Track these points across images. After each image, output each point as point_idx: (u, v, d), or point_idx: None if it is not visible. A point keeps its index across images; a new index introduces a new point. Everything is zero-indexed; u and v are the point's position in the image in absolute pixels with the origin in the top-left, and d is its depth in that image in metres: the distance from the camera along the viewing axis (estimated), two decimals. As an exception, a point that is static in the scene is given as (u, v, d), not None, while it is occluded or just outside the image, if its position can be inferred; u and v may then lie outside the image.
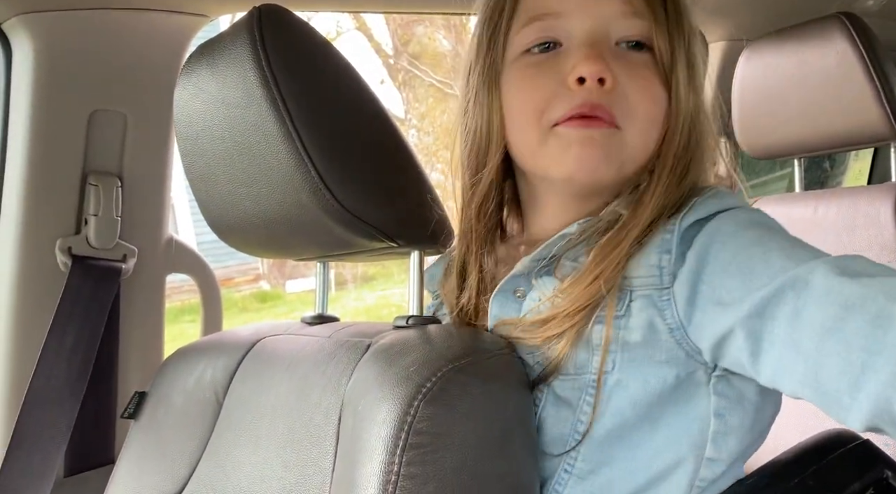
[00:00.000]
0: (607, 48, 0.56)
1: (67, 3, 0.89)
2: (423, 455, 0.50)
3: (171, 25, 0.97)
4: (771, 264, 0.49)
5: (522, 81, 0.58)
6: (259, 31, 0.57)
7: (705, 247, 0.53)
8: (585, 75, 0.54)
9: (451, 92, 4.23)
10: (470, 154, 0.63)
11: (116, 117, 0.96)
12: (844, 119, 1.10)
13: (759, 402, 0.56)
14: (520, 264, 0.61)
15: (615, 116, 0.56)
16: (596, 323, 0.56)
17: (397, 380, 0.52)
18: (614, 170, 0.57)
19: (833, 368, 0.44)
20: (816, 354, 0.45)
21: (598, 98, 0.55)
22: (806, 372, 0.46)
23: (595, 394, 0.55)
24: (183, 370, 0.78)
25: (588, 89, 0.55)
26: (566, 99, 0.56)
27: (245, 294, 5.60)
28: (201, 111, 0.64)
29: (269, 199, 0.61)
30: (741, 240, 0.52)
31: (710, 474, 0.56)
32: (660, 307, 0.54)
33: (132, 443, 0.79)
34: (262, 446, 0.64)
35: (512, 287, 0.62)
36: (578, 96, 0.55)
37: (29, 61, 0.90)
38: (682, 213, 0.55)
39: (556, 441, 0.57)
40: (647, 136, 0.57)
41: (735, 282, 0.50)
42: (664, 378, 0.54)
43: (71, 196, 0.95)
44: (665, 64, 0.57)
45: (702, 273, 0.52)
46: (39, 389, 0.90)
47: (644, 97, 0.56)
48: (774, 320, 0.47)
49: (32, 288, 0.93)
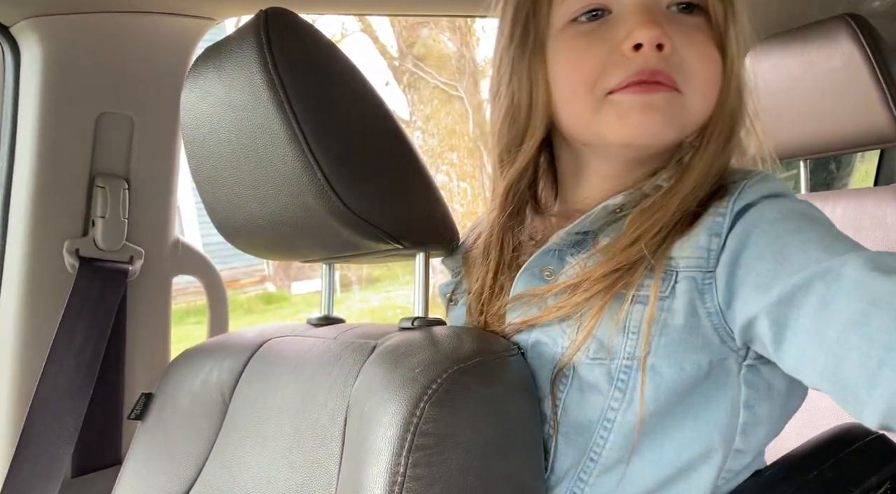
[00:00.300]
0: (661, 12, 0.55)
1: (75, 6, 0.90)
2: (428, 457, 0.50)
3: (177, 29, 0.97)
4: (807, 254, 0.48)
5: (571, 51, 0.56)
6: (265, 34, 0.57)
7: (746, 232, 0.52)
8: (644, 41, 0.53)
9: (455, 94, 4.23)
10: (509, 127, 0.61)
11: (123, 120, 0.97)
12: (850, 120, 1.10)
13: (787, 393, 0.56)
14: (555, 236, 0.59)
15: (675, 81, 0.54)
16: (635, 302, 0.54)
17: (403, 382, 0.52)
18: (676, 132, 0.56)
19: (853, 362, 0.44)
20: (838, 347, 0.45)
21: (657, 64, 0.53)
22: (826, 364, 0.46)
23: (628, 380, 0.54)
24: (189, 371, 0.78)
25: (645, 55, 0.53)
26: (621, 66, 0.54)
27: (250, 295, 5.61)
28: (208, 114, 0.65)
29: (275, 201, 0.62)
30: (781, 228, 0.51)
31: (736, 465, 0.56)
32: (701, 290, 0.53)
33: (139, 444, 0.79)
34: (268, 447, 0.65)
35: (540, 264, 0.60)
36: (634, 63, 0.54)
37: (37, 64, 0.91)
38: (733, 197, 0.54)
39: (581, 428, 0.56)
40: (706, 100, 0.56)
41: (768, 268, 0.49)
42: (699, 364, 0.53)
43: (78, 198, 0.95)
44: (720, 25, 0.56)
45: (740, 257, 0.52)
46: (47, 390, 0.91)
47: (702, 61, 0.55)
48: (800, 309, 0.47)
49: (40, 290, 0.94)
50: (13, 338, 0.94)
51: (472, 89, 5.01)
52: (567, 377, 0.57)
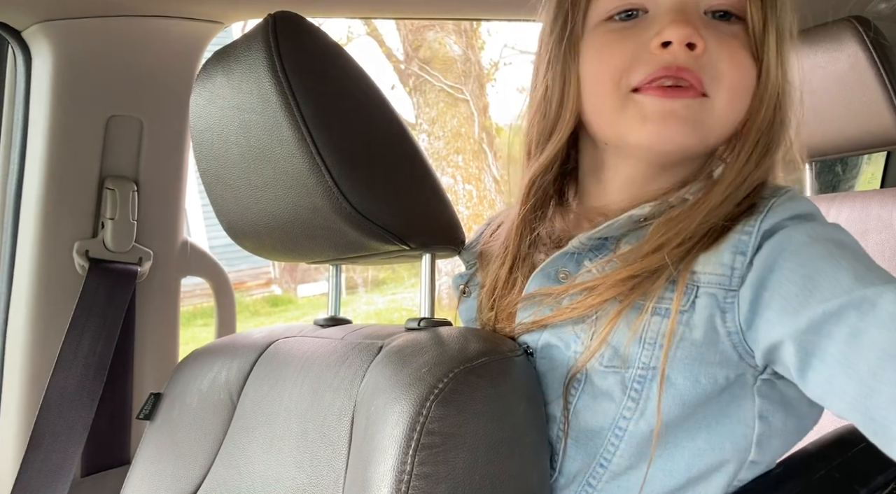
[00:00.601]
0: (697, 15, 0.54)
1: (86, 10, 0.91)
2: (435, 455, 0.51)
3: (186, 32, 0.98)
4: (838, 281, 0.47)
5: (602, 46, 0.56)
6: (274, 37, 0.58)
7: (774, 254, 0.51)
8: (672, 38, 0.52)
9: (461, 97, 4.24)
10: (540, 119, 0.61)
11: (133, 122, 0.98)
12: (856, 122, 1.10)
13: (802, 406, 0.55)
14: (575, 240, 0.59)
15: (703, 82, 0.54)
16: (654, 314, 0.53)
17: (410, 381, 0.53)
18: (697, 140, 0.55)
19: (886, 396, 0.43)
20: (871, 379, 0.44)
21: (686, 61, 0.53)
22: (857, 396, 0.45)
23: (642, 390, 0.53)
24: (198, 371, 0.79)
25: (673, 53, 0.53)
26: (648, 62, 0.54)
27: (257, 298, 5.62)
28: (216, 116, 0.65)
29: (283, 203, 0.62)
30: (812, 252, 0.50)
31: (749, 475, 0.56)
32: (722, 308, 0.52)
33: (147, 444, 0.80)
34: (275, 446, 0.65)
35: (557, 266, 0.60)
36: (661, 59, 0.53)
37: (48, 68, 0.92)
38: (761, 215, 0.53)
39: (592, 433, 0.56)
40: (734, 106, 0.55)
41: (796, 292, 0.49)
42: (715, 378, 0.53)
43: (88, 200, 0.96)
44: (757, 35, 0.55)
45: (767, 279, 0.51)
46: (57, 390, 0.92)
47: (733, 65, 0.54)
48: (830, 338, 0.46)
49: (50, 291, 0.95)
50: (24, 338, 0.95)
51: (478, 92, 5.01)
52: (579, 382, 0.57)
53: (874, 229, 1.09)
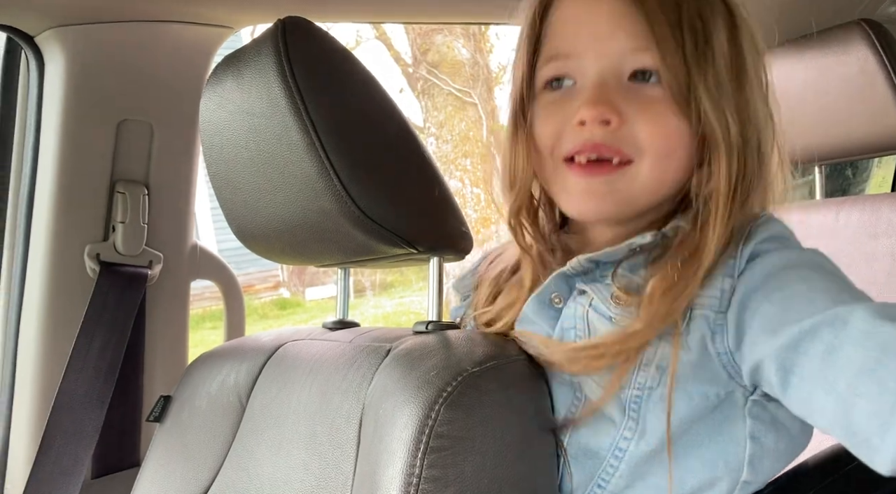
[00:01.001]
0: (617, 86, 0.56)
1: (98, 16, 0.92)
2: (443, 459, 0.51)
3: (196, 37, 0.99)
4: (813, 302, 0.49)
5: (539, 115, 0.60)
6: (283, 42, 0.59)
7: (755, 277, 0.53)
8: (586, 118, 0.56)
9: (469, 100, 4.24)
10: (508, 162, 0.64)
11: (143, 127, 0.99)
12: (866, 126, 1.09)
13: (792, 427, 0.56)
14: (574, 261, 0.60)
15: (623, 152, 0.56)
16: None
17: (418, 385, 0.53)
18: (622, 207, 0.58)
19: (864, 409, 0.44)
20: (848, 394, 0.45)
21: (602, 137, 0.56)
22: (836, 411, 0.46)
23: (639, 410, 0.55)
24: (207, 374, 0.79)
25: (590, 130, 0.56)
26: (571, 136, 0.57)
27: (265, 301, 5.64)
28: (226, 121, 0.66)
29: (292, 206, 0.63)
30: (790, 275, 0.52)
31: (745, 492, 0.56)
32: (713, 329, 0.54)
33: (157, 446, 0.80)
34: (284, 449, 0.65)
35: (550, 293, 0.61)
36: (581, 136, 0.57)
37: (60, 73, 0.93)
38: (742, 239, 0.56)
39: (591, 453, 0.57)
40: (661, 168, 0.57)
41: (775, 312, 0.50)
42: (707, 395, 0.54)
43: (99, 203, 0.97)
44: (678, 95, 0.55)
45: (749, 300, 0.53)
46: (68, 392, 0.92)
47: (654, 132, 0.56)
48: (806, 355, 0.48)
49: (62, 294, 0.96)
50: (36, 341, 0.96)
51: (486, 95, 5.02)
52: (579, 401, 0.58)
53: (885, 233, 1.08)
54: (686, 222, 0.57)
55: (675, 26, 0.55)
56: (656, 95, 0.56)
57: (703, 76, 0.55)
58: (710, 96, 0.55)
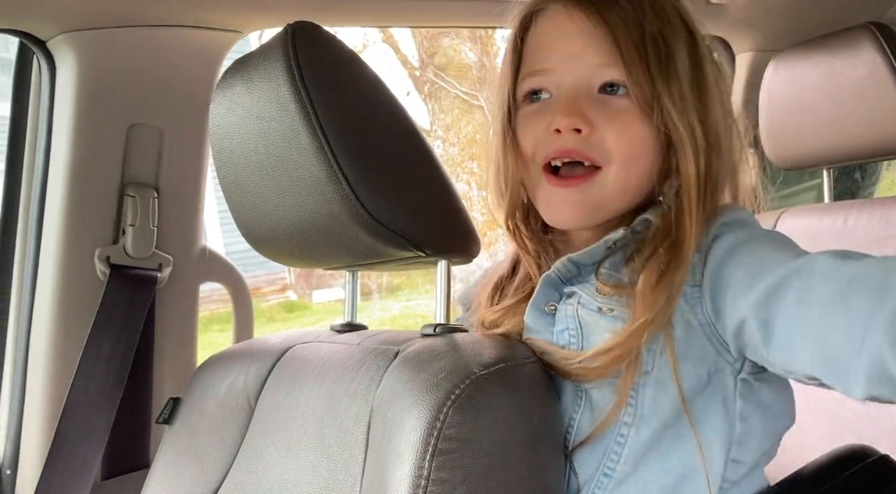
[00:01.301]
0: (588, 98, 0.62)
1: (109, 21, 0.92)
2: (452, 461, 0.51)
3: (205, 42, 0.99)
4: (778, 259, 0.54)
5: (522, 126, 0.66)
6: (293, 47, 0.59)
7: (724, 249, 0.58)
8: (560, 127, 0.62)
9: (476, 103, 4.24)
10: (496, 172, 0.69)
11: (153, 131, 0.99)
12: (874, 129, 1.09)
13: (776, 409, 0.60)
14: (558, 263, 0.65)
15: (593, 157, 0.62)
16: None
17: (426, 387, 0.53)
18: (591, 211, 0.64)
19: (838, 336, 0.47)
20: (822, 325, 0.48)
21: (573, 143, 0.62)
22: (814, 346, 0.49)
23: (637, 396, 0.57)
24: (216, 376, 0.80)
25: (563, 138, 0.62)
26: (548, 143, 0.63)
27: (272, 304, 5.65)
28: (236, 125, 0.66)
29: (301, 210, 0.63)
30: (754, 245, 0.58)
31: (733, 475, 0.59)
32: (691, 303, 0.58)
33: (166, 448, 0.81)
34: (292, 451, 0.66)
35: (543, 301, 0.65)
36: (556, 144, 0.63)
37: (72, 77, 0.94)
38: (712, 222, 0.61)
39: (595, 444, 0.59)
40: (629, 172, 0.62)
41: (748, 274, 0.55)
42: (698, 375, 0.58)
43: (110, 207, 0.98)
44: (644, 105, 0.61)
45: (720, 270, 0.57)
46: (79, 394, 0.93)
47: (620, 139, 0.62)
48: (782, 303, 0.51)
49: (72, 296, 0.96)
50: (46, 343, 0.96)
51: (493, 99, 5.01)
52: (581, 399, 0.60)
53: (894, 236, 1.08)
54: (655, 217, 0.62)
55: (640, 44, 0.61)
56: (623, 106, 0.62)
57: (667, 88, 0.61)
58: (674, 105, 0.61)
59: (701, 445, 0.58)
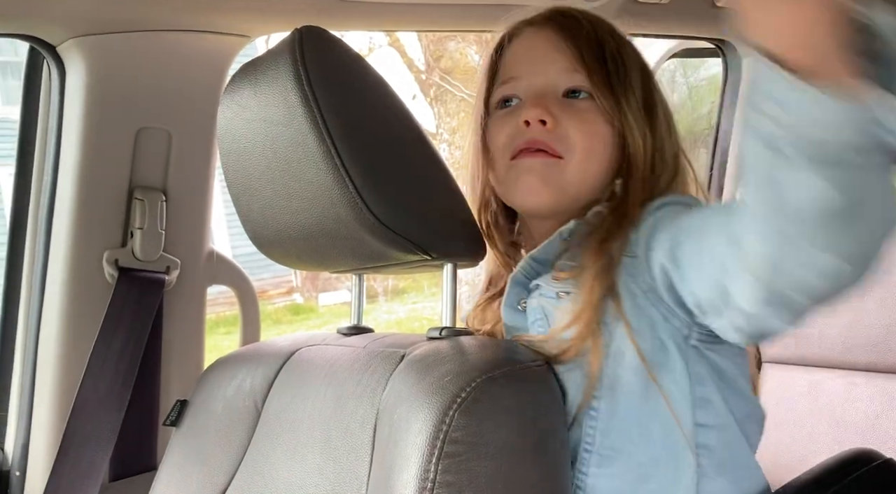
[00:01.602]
0: (554, 99, 0.70)
1: (118, 26, 0.93)
2: (458, 464, 0.51)
3: (213, 46, 1.00)
4: (694, 215, 0.60)
5: (494, 125, 0.73)
6: (300, 51, 0.59)
7: (656, 220, 0.64)
8: (529, 118, 0.68)
9: (482, 107, 4.15)
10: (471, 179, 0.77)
11: (162, 134, 1.00)
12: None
13: (731, 373, 0.64)
14: (522, 261, 0.71)
15: (557, 149, 0.68)
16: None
17: (432, 390, 0.54)
18: (554, 193, 0.69)
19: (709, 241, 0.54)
20: (700, 234, 0.56)
21: (541, 135, 0.69)
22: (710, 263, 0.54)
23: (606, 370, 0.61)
24: (223, 379, 0.80)
25: (532, 129, 0.69)
26: (518, 137, 0.70)
27: (279, 306, 5.67)
28: (244, 129, 0.67)
29: (308, 213, 0.63)
30: (679, 213, 0.63)
31: (708, 440, 0.61)
32: (632, 273, 0.62)
33: (174, 450, 0.81)
34: (299, 453, 0.66)
35: (515, 300, 0.70)
36: (526, 135, 0.69)
37: (81, 82, 0.95)
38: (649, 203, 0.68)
39: (574, 428, 0.61)
40: (586, 165, 0.69)
41: (667, 234, 0.61)
42: (651, 342, 0.61)
43: (118, 210, 0.98)
44: (608, 108, 0.69)
45: (651, 239, 0.62)
46: (87, 397, 0.93)
47: (583, 133, 0.69)
48: (684, 240, 0.57)
49: (81, 299, 0.97)
50: (55, 345, 0.97)
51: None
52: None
53: None
54: (606, 209, 0.68)
55: (601, 58, 0.70)
56: (585, 106, 0.70)
57: (624, 96, 0.69)
58: (630, 109, 0.69)
59: (672, 409, 0.60)
